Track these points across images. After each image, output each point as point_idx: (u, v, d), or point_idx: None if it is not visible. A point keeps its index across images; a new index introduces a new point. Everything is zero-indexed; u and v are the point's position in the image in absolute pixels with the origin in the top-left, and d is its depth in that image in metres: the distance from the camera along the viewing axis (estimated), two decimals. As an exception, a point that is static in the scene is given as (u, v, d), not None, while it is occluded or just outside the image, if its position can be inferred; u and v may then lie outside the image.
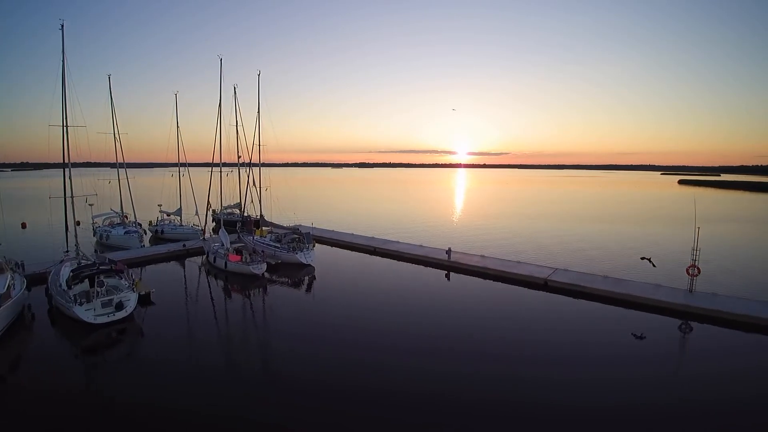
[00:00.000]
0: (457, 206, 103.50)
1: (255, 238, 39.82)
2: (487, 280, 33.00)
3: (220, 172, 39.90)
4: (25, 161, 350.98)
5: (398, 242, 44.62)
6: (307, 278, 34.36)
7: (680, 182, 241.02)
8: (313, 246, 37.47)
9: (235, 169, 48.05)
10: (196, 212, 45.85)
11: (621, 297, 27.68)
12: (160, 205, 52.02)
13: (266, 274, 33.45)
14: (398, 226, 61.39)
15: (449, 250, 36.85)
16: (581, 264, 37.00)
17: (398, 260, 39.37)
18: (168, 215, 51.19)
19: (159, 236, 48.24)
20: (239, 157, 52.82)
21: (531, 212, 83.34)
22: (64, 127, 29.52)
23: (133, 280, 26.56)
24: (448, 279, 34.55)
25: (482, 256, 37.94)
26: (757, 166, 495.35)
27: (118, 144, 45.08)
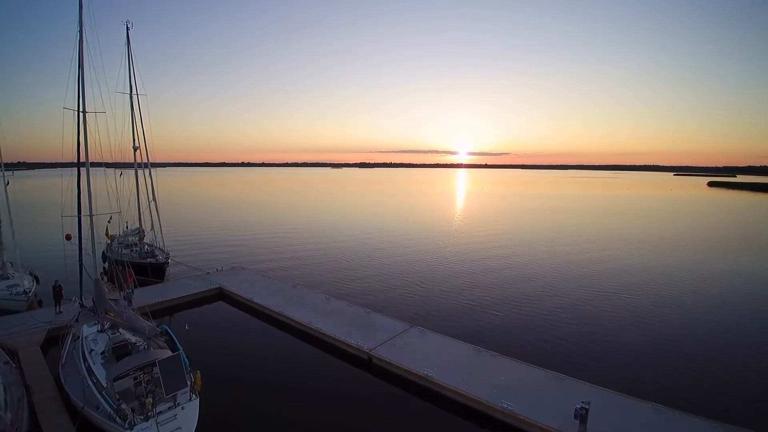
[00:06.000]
0: (520, 238, 50.01)
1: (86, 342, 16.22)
2: None
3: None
4: None
5: (424, 332, 20.66)
6: None
7: (710, 184, 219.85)
8: (195, 394, 12.91)
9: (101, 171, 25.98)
10: None
11: None
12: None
13: None
14: (413, 294, 28.12)
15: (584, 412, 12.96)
16: None
17: (430, 401, 15.90)
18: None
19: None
20: (136, 149, 32.55)
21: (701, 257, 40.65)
22: None
23: None
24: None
25: (653, 406, 14.70)
26: (766, 166, 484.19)
27: None
